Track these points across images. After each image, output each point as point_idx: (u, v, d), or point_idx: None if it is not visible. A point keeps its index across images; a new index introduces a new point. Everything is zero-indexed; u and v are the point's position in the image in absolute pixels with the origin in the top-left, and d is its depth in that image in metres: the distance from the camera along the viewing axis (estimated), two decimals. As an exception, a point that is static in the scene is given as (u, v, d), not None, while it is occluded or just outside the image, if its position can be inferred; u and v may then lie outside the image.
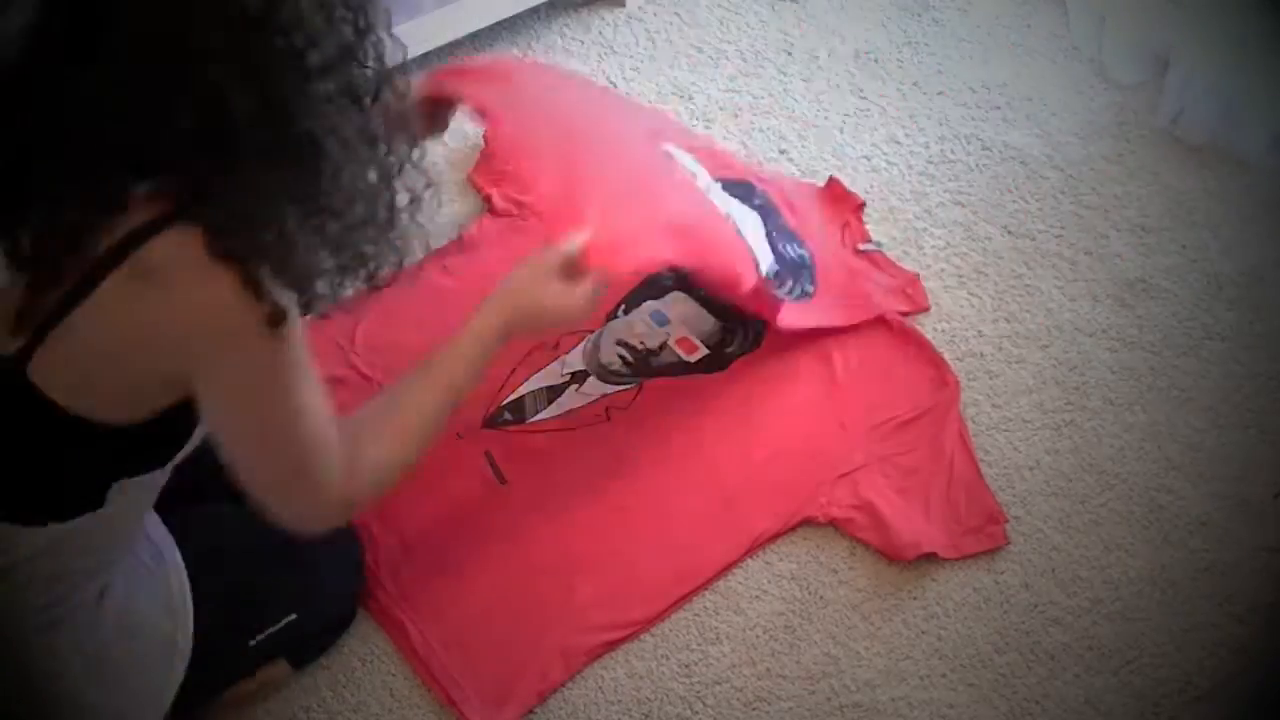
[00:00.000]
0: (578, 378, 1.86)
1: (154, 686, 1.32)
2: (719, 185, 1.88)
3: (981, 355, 1.94)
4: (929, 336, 1.94)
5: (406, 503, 1.70)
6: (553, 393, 1.84)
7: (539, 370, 1.86)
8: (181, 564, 1.35)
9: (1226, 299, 2.04)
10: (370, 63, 1.07)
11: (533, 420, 1.81)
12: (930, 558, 1.69)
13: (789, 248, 1.94)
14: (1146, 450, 1.84)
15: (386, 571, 1.63)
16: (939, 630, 1.65)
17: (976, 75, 2.39)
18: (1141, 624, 1.66)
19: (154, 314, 1.05)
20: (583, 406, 1.83)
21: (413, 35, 2.21)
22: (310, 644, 1.55)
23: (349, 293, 1.14)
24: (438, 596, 1.62)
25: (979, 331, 1.98)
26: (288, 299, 1.06)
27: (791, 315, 1.84)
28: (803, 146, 2.23)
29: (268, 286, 1.04)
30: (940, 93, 2.35)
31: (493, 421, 1.80)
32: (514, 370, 1.85)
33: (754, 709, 1.58)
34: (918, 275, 2.01)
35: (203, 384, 1.11)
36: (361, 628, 1.61)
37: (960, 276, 2.05)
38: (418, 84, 1.22)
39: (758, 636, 1.64)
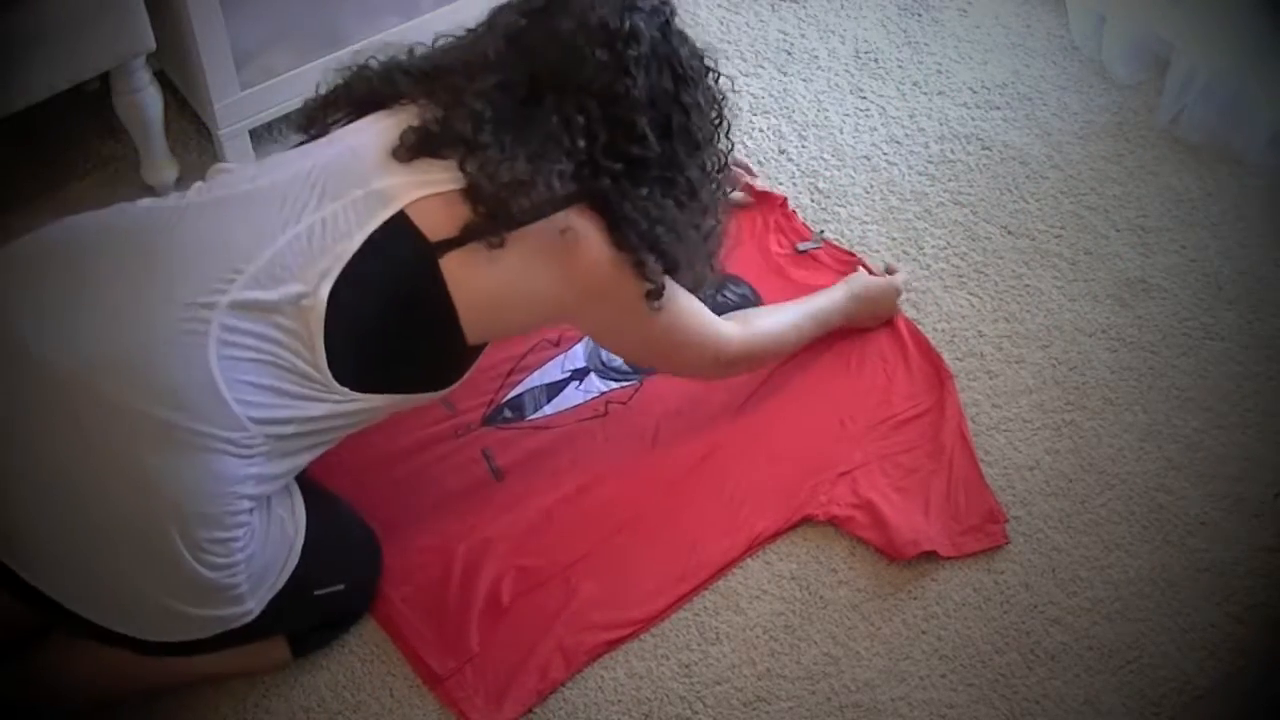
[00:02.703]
0: (578, 375, 1.86)
1: (270, 574, 1.39)
2: None
3: (981, 355, 1.94)
4: (929, 336, 1.94)
5: (405, 502, 1.70)
6: (552, 390, 1.84)
7: (539, 368, 1.86)
8: (298, 486, 1.46)
9: (1226, 299, 2.04)
10: (725, 144, 1.57)
11: (532, 418, 1.81)
12: (930, 556, 1.69)
13: (727, 292, 1.96)
14: (1146, 450, 1.84)
15: (385, 570, 1.63)
16: (939, 630, 1.65)
17: (976, 75, 2.39)
18: (1141, 624, 1.67)
19: (561, 263, 1.43)
20: (583, 403, 1.83)
21: (413, 35, 2.21)
22: (315, 631, 1.56)
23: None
24: (437, 596, 1.62)
25: (979, 331, 1.98)
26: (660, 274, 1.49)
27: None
28: (803, 146, 2.24)
29: (650, 266, 1.47)
30: (940, 93, 2.35)
31: (492, 419, 1.80)
32: (514, 369, 1.85)
33: (754, 709, 1.58)
34: (857, 257, 2.02)
35: (587, 321, 1.57)
36: (361, 627, 1.61)
37: (960, 276, 2.05)
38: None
39: (758, 636, 1.64)
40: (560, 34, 1.41)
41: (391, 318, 1.38)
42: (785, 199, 2.10)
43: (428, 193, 1.37)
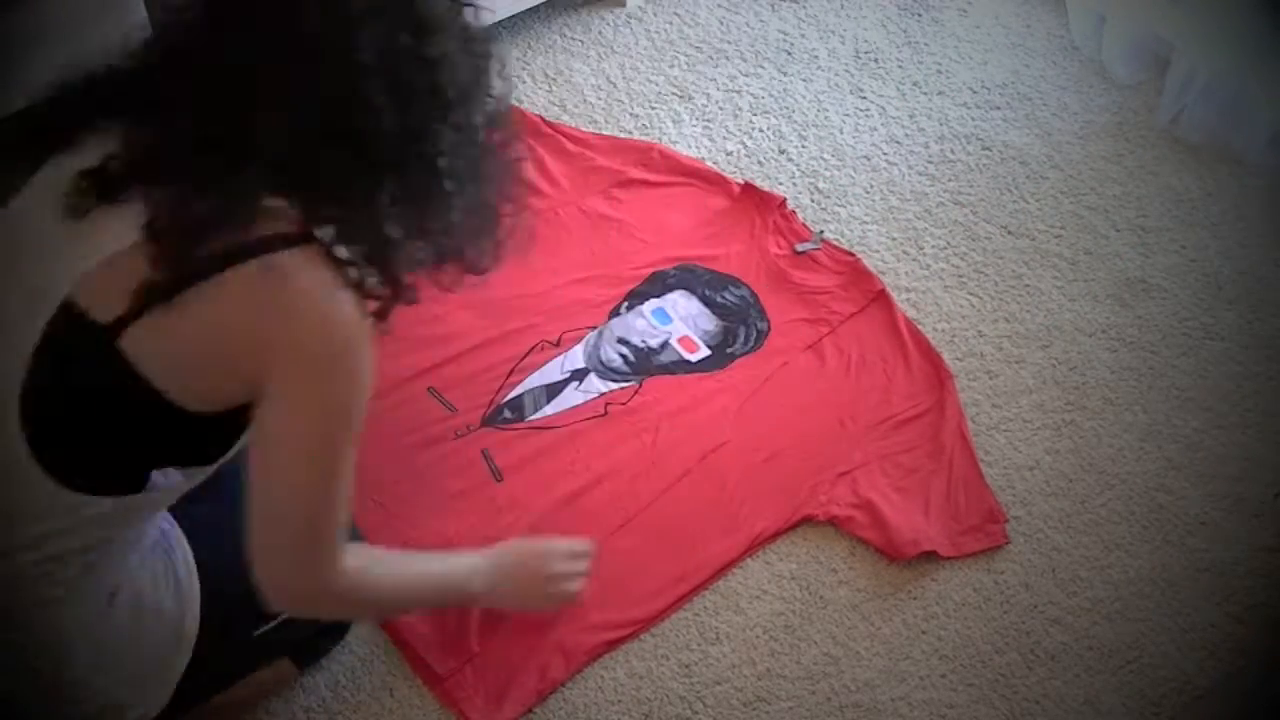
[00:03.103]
0: (578, 375, 1.86)
1: (159, 669, 1.33)
2: (625, 312, 1.93)
3: (981, 355, 1.94)
4: (929, 336, 1.94)
5: (405, 501, 1.70)
6: (552, 390, 1.84)
7: (539, 368, 1.86)
8: (189, 548, 1.36)
9: (1226, 299, 2.04)
10: (490, 96, 1.20)
11: (532, 418, 1.81)
12: (930, 556, 1.69)
13: (727, 294, 1.96)
14: (1146, 450, 1.84)
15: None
16: (939, 630, 1.65)
17: (976, 75, 2.39)
18: (1141, 624, 1.67)
19: (268, 312, 1.13)
20: (582, 404, 1.83)
21: (413, 35, 2.22)
22: (314, 641, 1.54)
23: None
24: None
25: (979, 331, 1.98)
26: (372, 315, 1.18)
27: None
28: (803, 146, 2.24)
29: (375, 290, 1.16)
30: (940, 93, 2.35)
31: (492, 420, 1.80)
32: (513, 369, 1.85)
33: (754, 709, 1.58)
34: (857, 258, 2.02)
35: (276, 393, 1.18)
36: (361, 628, 1.61)
37: (960, 276, 2.05)
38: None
39: (758, 636, 1.64)
40: None
41: (102, 415, 1.17)
42: (784, 199, 2.10)
43: (93, 265, 1.12)
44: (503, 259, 1.27)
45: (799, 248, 2.04)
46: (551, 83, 2.32)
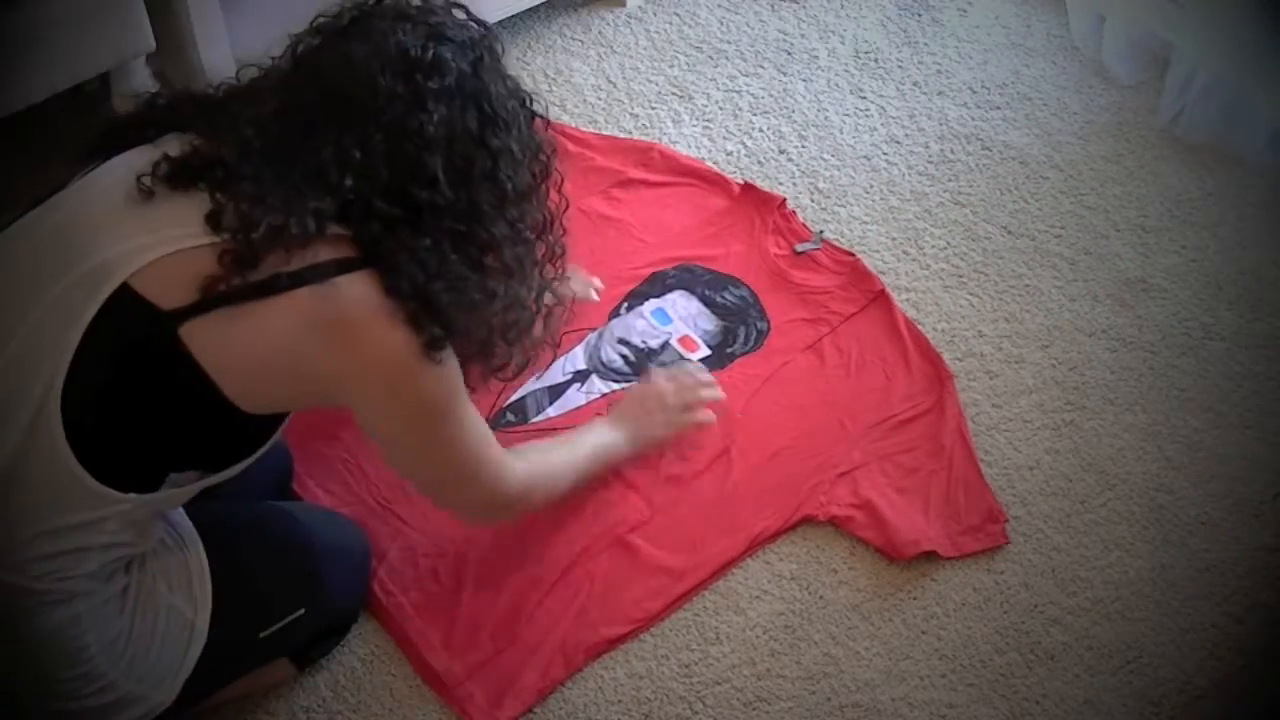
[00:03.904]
0: (579, 377, 1.86)
1: (169, 666, 1.34)
2: (625, 313, 1.94)
3: (981, 355, 1.95)
4: (929, 336, 1.94)
5: (411, 504, 1.70)
6: (554, 392, 1.84)
7: (540, 370, 1.86)
8: (203, 550, 1.38)
9: (1226, 299, 2.04)
10: (545, 202, 1.36)
11: (535, 420, 1.81)
12: (930, 556, 1.69)
13: (727, 294, 1.96)
14: (1146, 450, 1.84)
15: (387, 571, 1.63)
16: (939, 630, 1.65)
17: (976, 75, 2.39)
18: (1141, 624, 1.67)
19: (327, 338, 1.21)
20: (584, 405, 1.83)
21: (413, 35, 2.22)
22: (314, 643, 1.55)
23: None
24: (438, 596, 1.62)
25: (979, 331, 1.98)
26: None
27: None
28: (802, 146, 2.24)
29: (428, 325, 1.24)
30: (940, 93, 2.35)
31: (495, 423, 1.80)
32: (514, 370, 1.85)
33: (754, 709, 1.58)
34: (857, 257, 2.02)
35: (360, 411, 1.31)
36: (362, 628, 1.61)
37: (960, 276, 2.05)
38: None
39: (758, 636, 1.64)
40: (353, 58, 1.23)
41: (143, 406, 1.21)
42: (784, 199, 2.10)
43: (159, 254, 1.17)
44: (524, 375, 1.42)
45: (799, 248, 2.04)
46: (551, 83, 2.32)
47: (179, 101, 1.33)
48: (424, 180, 1.22)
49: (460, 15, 1.31)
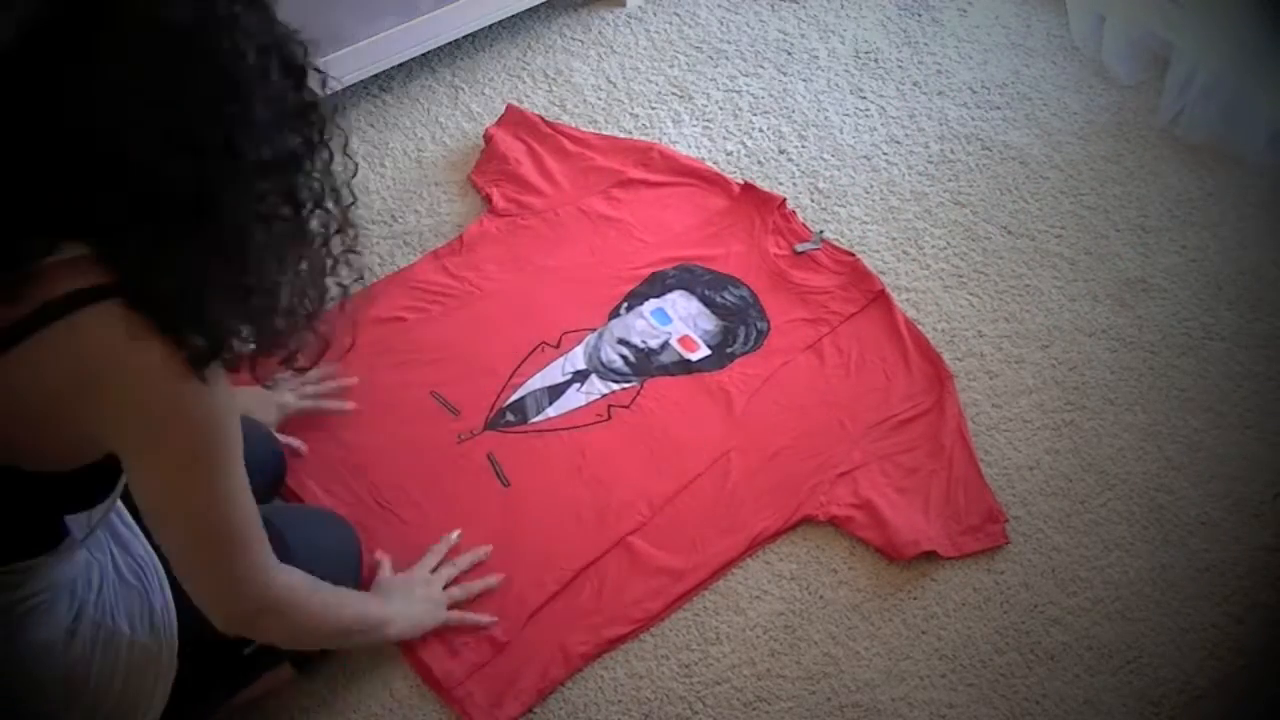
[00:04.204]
0: (579, 377, 1.86)
1: (138, 699, 1.31)
2: (625, 313, 1.94)
3: (981, 355, 1.95)
4: (929, 336, 1.94)
5: (411, 504, 1.70)
6: (554, 392, 1.84)
7: (540, 370, 1.86)
8: (166, 578, 1.34)
9: (1226, 299, 2.04)
10: (318, 172, 1.12)
11: (534, 421, 1.81)
12: (930, 556, 1.69)
13: (727, 294, 1.96)
14: (1146, 450, 1.84)
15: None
16: (939, 630, 1.65)
17: (976, 75, 2.39)
18: (1141, 624, 1.67)
19: (82, 384, 1.06)
20: (584, 406, 1.83)
21: (412, 35, 2.22)
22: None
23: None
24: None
25: (979, 331, 1.98)
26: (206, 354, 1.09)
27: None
28: (802, 146, 2.24)
29: (189, 339, 1.07)
30: (940, 93, 2.35)
31: (495, 423, 1.80)
32: (515, 371, 1.85)
33: (754, 709, 1.58)
34: (856, 257, 2.02)
35: (124, 457, 1.13)
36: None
37: (960, 276, 2.05)
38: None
39: (758, 636, 1.64)
40: (43, 16, 1.00)
41: None
42: (784, 199, 2.10)
43: None
44: (321, 357, 1.21)
45: (799, 248, 2.04)
46: (551, 83, 2.32)
47: None
48: (143, 162, 1.00)
49: None
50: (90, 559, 1.29)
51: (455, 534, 1.66)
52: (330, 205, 1.15)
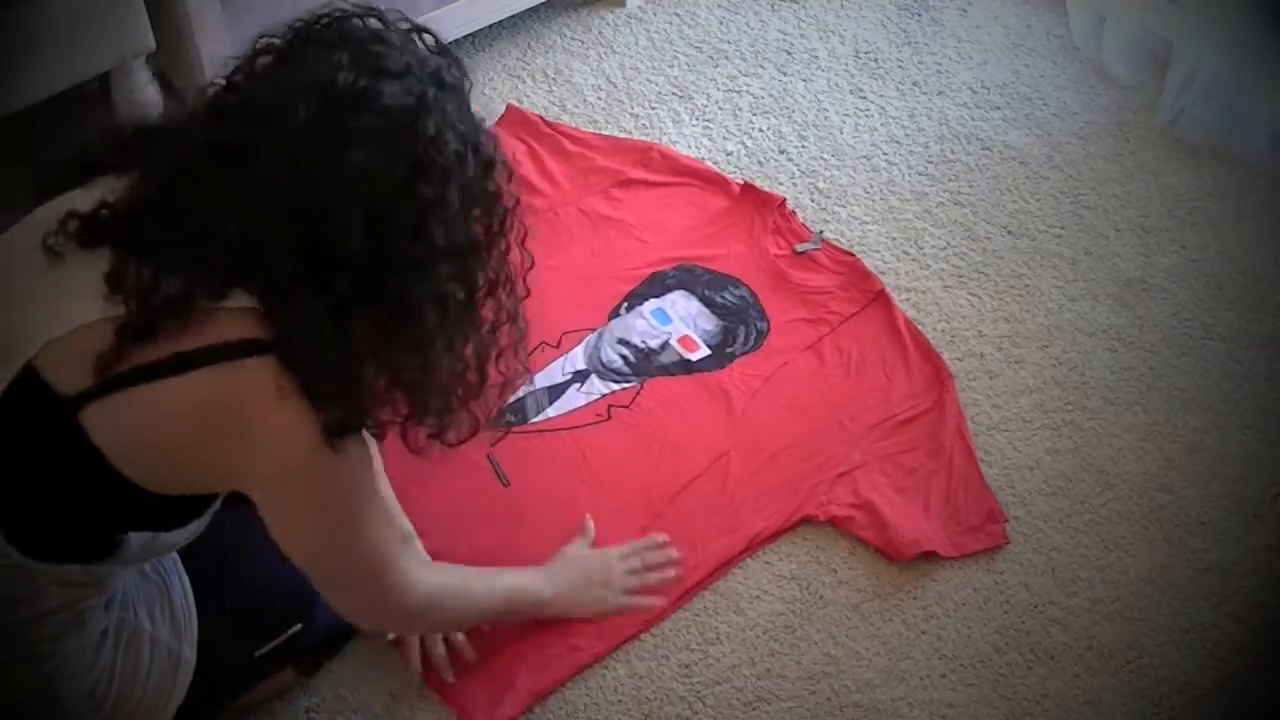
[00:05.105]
0: (579, 377, 1.86)
1: (157, 699, 1.32)
2: (625, 313, 1.93)
3: (981, 355, 1.94)
4: (929, 336, 1.94)
5: (410, 504, 1.69)
6: (554, 392, 1.84)
7: (540, 370, 1.86)
8: (185, 576, 1.35)
9: (1226, 299, 2.04)
10: (494, 261, 1.18)
11: (534, 421, 1.81)
12: (930, 556, 1.69)
13: (726, 294, 1.96)
14: (1146, 450, 1.84)
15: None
16: (939, 630, 1.65)
17: (976, 75, 2.39)
18: (1141, 624, 1.66)
19: (226, 426, 1.11)
20: (584, 406, 1.83)
21: (413, 35, 2.22)
22: (315, 652, 1.54)
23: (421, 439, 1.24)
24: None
25: (979, 331, 1.98)
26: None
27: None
28: (802, 146, 2.24)
29: (331, 408, 1.12)
30: (940, 93, 2.35)
31: (494, 423, 1.80)
32: (514, 370, 1.85)
33: (754, 709, 1.58)
34: (856, 258, 2.02)
35: (261, 504, 1.20)
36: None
37: (960, 276, 2.05)
38: None
39: (758, 636, 1.64)
40: (277, 84, 1.09)
41: (64, 486, 1.14)
42: (784, 199, 2.10)
43: (60, 331, 1.09)
44: (474, 437, 1.25)
45: (799, 248, 2.04)
46: (551, 83, 2.32)
47: (122, 136, 1.20)
48: (333, 231, 1.06)
49: (422, 45, 1.14)
50: (121, 575, 1.29)
51: (661, 537, 1.68)
52: (503, 295, 1.20)
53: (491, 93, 2.29)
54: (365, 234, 1.06)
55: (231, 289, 1.09)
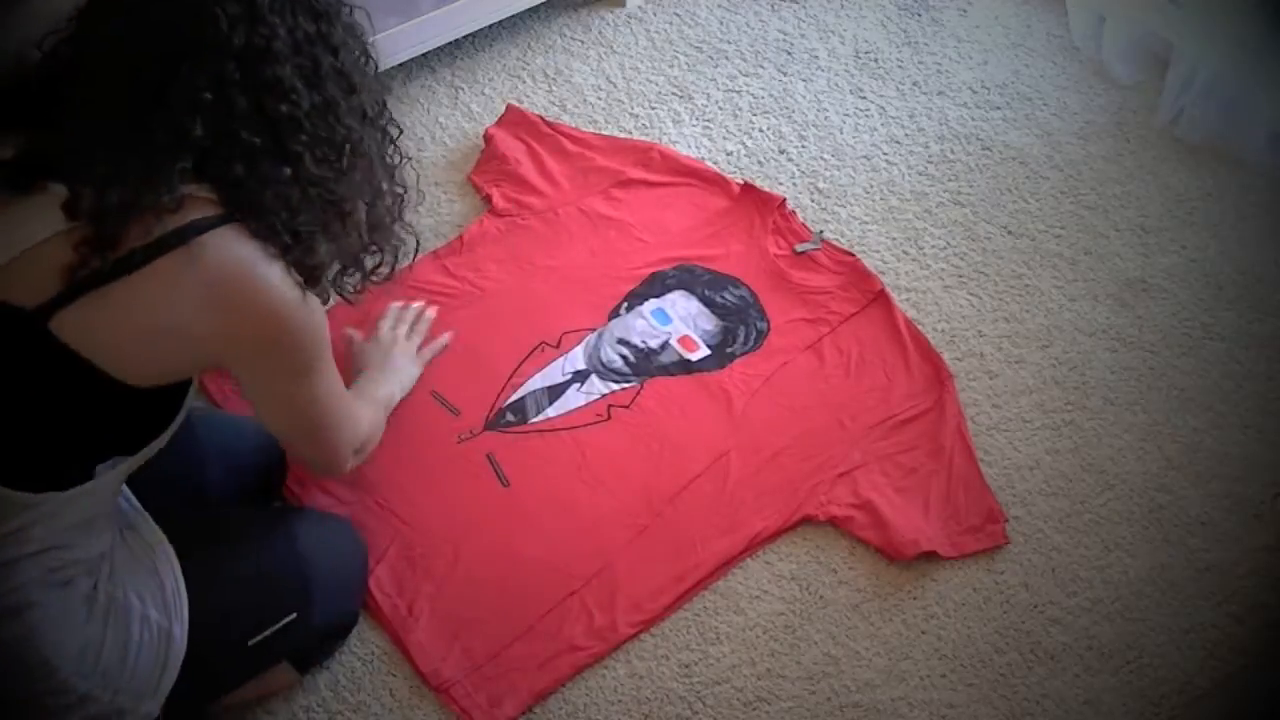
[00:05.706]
0: (579, 377, 1.86)
1: (148, 678, 1.32)
2: (625, 313, 1.94)
3: (981, 355, 1.95)
4: (929, 336, 1.94)
5: (410, 504, 1.70)
6: (554, 392, 1.84)
7: (540, 370, 1.86)
8: (176, 560, 1.36)
9: (1226, 299, 2.04)
10: (377, 86, 1.30)
11: (534, 420, 1.81)
12: (930, 556, 1.69)
13: (726, 294, 1.96)
14: (1146, 450, 1.84)
15: (388, 572, 1.63)
16: (939, 630, 1.65)
17: (976, 75, 2.39)
18: (1141, 624, 1.67)
19: (201, 298, 1.17)
20: (584, 406, 1.83)
21: (412, 35, 2.22)
22: (313, 647, 1.54)
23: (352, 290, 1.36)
24: (439, 597, 1.62)
25: (979, 331, 1.98)
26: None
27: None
28: (802, 146, 2.24)
29: (299, 262, 1.23)
30: (940, 93, 2.35)
31: (494, 423, 1.80)
32: (515, 370, 1.85)
33: (754, 709, 1.58)
34: (856, 258, 2.02)
35: (235, 368, 1.30)
36: (362, 628, 1.61)
37: (960, 276, 2.05)
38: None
39: (758, 636, 1.64)
40: None
41: (34, 403, 1.20)
42: (784, 199, 2.10)
43: (10, 255, 1.15)
44: (394, 272, 1.37)
45: (799, 248, 2.04)
46: (551, 83, 2.32)
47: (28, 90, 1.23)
48: (280, 94, 1.17)
49: None
50: (94, 520, 1.29)
51: (398, 303, 1.87)
52: (387, 116, 1.33)
53: (491, 93, 2.29)
54: (305, 89, 1.18)
55: (176, 182, 1.15)
